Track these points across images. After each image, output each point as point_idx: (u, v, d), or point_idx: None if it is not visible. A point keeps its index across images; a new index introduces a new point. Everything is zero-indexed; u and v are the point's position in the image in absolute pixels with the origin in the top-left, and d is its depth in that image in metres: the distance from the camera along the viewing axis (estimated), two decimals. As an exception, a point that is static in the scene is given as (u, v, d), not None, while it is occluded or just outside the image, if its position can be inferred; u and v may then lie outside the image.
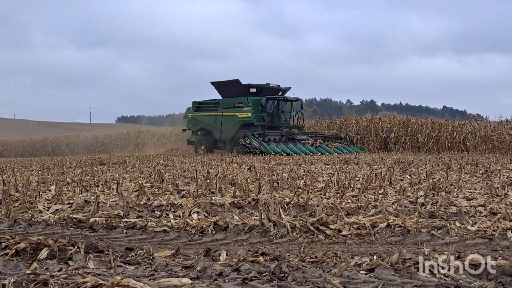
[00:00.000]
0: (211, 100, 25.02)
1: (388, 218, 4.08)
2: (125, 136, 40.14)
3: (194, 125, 24.94)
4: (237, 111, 23.44)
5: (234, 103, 23.57)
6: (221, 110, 23.95)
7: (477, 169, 9.23)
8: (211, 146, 23.98)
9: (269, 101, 23.39)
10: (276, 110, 23.66)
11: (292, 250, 3.30)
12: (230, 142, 23.22)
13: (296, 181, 6.94)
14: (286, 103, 24.04)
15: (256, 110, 22.96)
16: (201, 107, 25.16)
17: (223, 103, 24.07)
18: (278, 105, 23.75)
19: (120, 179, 7.78)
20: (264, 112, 23.18)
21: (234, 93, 23.65)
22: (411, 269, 2.60)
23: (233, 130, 23.03)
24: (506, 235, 3.58)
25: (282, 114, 23.96)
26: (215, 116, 24.04)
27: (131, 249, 3.11)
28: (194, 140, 24.67)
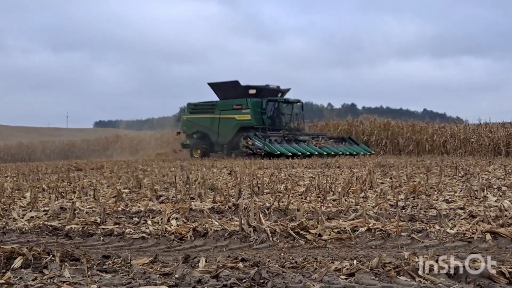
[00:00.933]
0: (208, 102, 24.05)
1: (368, 222, 4.08)
2: (103, 141, 39.72)
3: (189, 128, 24.00)
4: (235, 113, 22.44)
5: (233, 105, 22.61)
6: (218, 112, 22.96)
7: (457, 171, 9.33)
8: (207, 149, 23.04)
9: (270, 103, 22.59)
10: (277, 112, 22.86)
11: (272, 255, 3.26)
12: (228, 145, 22.36)
13: (277, 185, 6.92)
14: (287, 105, 23.20)
15: (256, 112, 22.13)
16: (197, 109, 24.14)
17: (221, 105, 23.11)
18: (279, 107, 22.96)
19: (97, 185, 7.67)
20: (264, 115, 22.37)
21: (233, 94, 22.74)
22: (391, 273, 2.58)
23: (231, 133, 22.15)
24: (485, 238, 3.60)
25: (282, 116, 23.12)
26: (212, 119, 23.05)
27: (108, 257, 3.05)
28: (189, 143, 23.77)
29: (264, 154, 19.73)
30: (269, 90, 22.99)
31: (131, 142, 38.10)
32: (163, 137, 34.44)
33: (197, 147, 23.20)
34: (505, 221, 4.05)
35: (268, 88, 23.00)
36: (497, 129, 22.87)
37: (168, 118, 76.91)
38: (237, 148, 21.67)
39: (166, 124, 49.67)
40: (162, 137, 35.30)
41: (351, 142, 23.05)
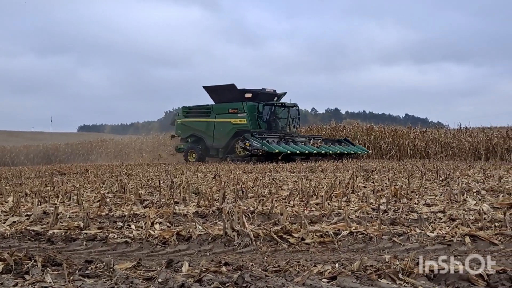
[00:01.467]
0: (203, 106, 23.78)
1: (350, 226, 4.12)
2: (87, 145, 39.41)
3: (184, 132, 23.73)
4: (231, 117, 22.20)
5: (228, 109, 22.36)
6: (214, 116, 22.71)
7: (438, 175, 9.45)
8: (203, 153, 22.75)
9: (266, 107, 22.39)
10: (273, 116, 22.70)
11: (255, 259, 3.29)
12: (224, 149, 22.16)
13: (261, 189, 6.94)
14: (283, 109, 23.03)
15: (252, 116, 21.89)
16: (192, 113, 23.87)
17: (216, 108, 22.84)
18: (275, 111, 22.77)
19: (81, 189, 7.62)
20: (260, 119, 22.14)
21: (228, 98, 22.46)
22: (372, 276, 2.62)
23: (226, 137, 21.94)
24: (464, 241, 3.66)
25: (278, 121, 22.98)
26: (207, 122, 22.78)
27: (90, 262, 3.04)
28: (183, 147, 23.55)
29: (262, 154, 19.49)
30: (265, 94, 22.79)
31: (116, 146, 37.88)
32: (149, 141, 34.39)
33: (192, 151, 22.95)
34: (484, 224, 4.13)
35: (264, 92, 22.81)
36: (476, 134, 23.24)
37: (153, 122, 76.54)
38: (232, 152, 21.48)
39: (151, 128, 49.45)
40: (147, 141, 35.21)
41: (348, 143, 23.03)
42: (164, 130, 43.93)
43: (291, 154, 20.46)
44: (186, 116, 23.91)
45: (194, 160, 22.29)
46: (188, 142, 23.51)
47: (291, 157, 21.87)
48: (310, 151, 20.30)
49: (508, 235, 3.75)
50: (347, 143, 23.01)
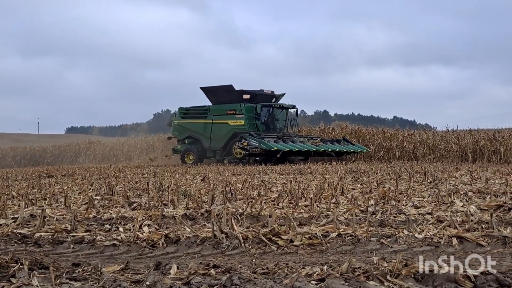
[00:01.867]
0: (200, 107, 23.42)
1: (339, 228, 4.13)
2: (75, 147, 39.13)
3: (181, 133, 23.38)
4: (228, 118, 21.82)
5: (226, 110, 22.02)
6: (211, 117, 22.35)
7: (425, 177, 9.51)
8: (200, 155, 22.38)
9: (264, 108, 22.03)
10: (271, 117, 22.30)
11: (244, 261, 3.28)
12: (221, 151, 21.83)
13: (249, 191, 6.94)
14: (281, 110, 22.63)
15: (250, 117, 21.54)
16: (189, 114, 23.49)
17: (214, 110, 22.50)
18: (273, 112, 22.39)
19: (68, 191, 7.56)
20: (259, 120, 21.79)
21: (226, 99, 22.09)
22: (360, 278, 2.63)
23: (224, 139, 21.57)
24: (451, 242, 3.69)
25: (276, 122, 22.55)
26: (205, 124, 22.42)
27: (78, 265, 3.02)
28: (180, 148, 23.16)
29: (261, 153, 19.25)
30: (263, 95, 22.51)
31: (104, 148, 37.67)
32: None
33: (189, 152, 22.57)
34: (471, 226, 4.16)
35: (262, 93, 22.53)
36: (464, 136, 23.42)
37: (141, 124, 76.29)
38: (230, 154, 21.17)
39: (140, 130, 49.26)
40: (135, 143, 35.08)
41: (346, 142, 22.76)
42: (153, 131, 43.76)
43: (289, 154, 20.20)
44: (183, 117, 23.55)
45: (192, 162, 21.89)
46: (185, 143, 23.17)
47: (290, 159, 21.60)
48: (309, 149, 20.00)
49: (495, 237, 3.78)
50: (346, 142, 22.73)
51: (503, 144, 21.70)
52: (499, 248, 3.61)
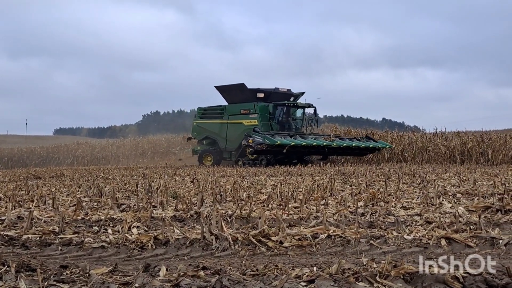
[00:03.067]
0: (217, 106, 22.64)
1: (328, 229, 4.14)
2: (63, 148, 38.83)
3: (199, 134, 22.76)
4: (243, 118, 21.02)
5: (240, 110, 21.25)
6: (227, 117, 21.64)
7: (414, 179, 9.56)
8: (219, 157, 21.54)
9: (278, 108, 21.15)
10: (286, 117, 21.37)
11: (233, 263, 3.27)
12: (236, 152, 20.94)
13: (239, 193, 6.93)
14: (297, 109, 21.67)
15: (264, 117, 20.70)
16: (207, 114, 22.80)
17: (229, 109, 21.78)
18: (289, 111, 21.46)
19: (56, 193, 7.50)
20: (273, 120, 20.94)
21: (240, 98, 21.33)
22: (350, 279, 2.63)
23: (239, 140, 20.32)
24: (440, 243, 3.71)
25: (293, 122, 21.58)
26: (221, 124, 21.68)
27: (66, 267, 2.99)
28: (199, 149, 22.59)
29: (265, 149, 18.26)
30: (278, 93, 21.60)
31: (93, 150, 37.44)
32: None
33: (207, 154, 21.86)
34: (459, 227, 4.19)
35: (277, 92, 21.65)
36: (452, 138, 23.59)
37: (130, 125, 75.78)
38: (244, 155, 20.42)
39: (128, 132, 49.01)
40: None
41: (369, 139, 21.69)
42: (142, 133, 43.55)
43: (305, 152, 19.42)
44: (201, 118, 22.93)
45: (210, 164, 21.18)
46: (204, 144, 22.66)
47: (308, 159, 20.96)
48: (319, 144, 18.83)
49: (483, 238, 3.81)
50: (368, 140, 21.56)
51: (491, 146, 21.90)
52: (487, 249, 3.64)
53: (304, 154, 20.55)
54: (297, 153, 19.85)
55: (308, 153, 20.43)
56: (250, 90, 21.35)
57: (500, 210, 5.02)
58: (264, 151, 18.84)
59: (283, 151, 18.30)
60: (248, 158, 20.17)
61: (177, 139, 35.81)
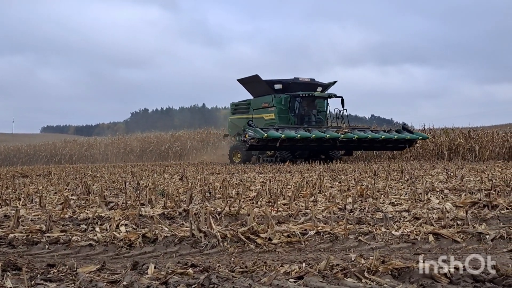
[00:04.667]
0: (245, 101, 21.66)
1: (317, 226, 4.15)
2: (51, 146, 38.52)
3: (232, 130, 21.87)
4: (264, 112, 19.94)
5: (262, 103, 20.16)
6: (252, 111, 20.60)
7: (402, 175, 9.62)
8: (248, 154, 19.87)
9: (295, 99, 19.42)
10: (304, 109, 19.62)
11: (222, 260, 3.27)
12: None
13: (228, 190, 6.92)
14: (316, 100, 19.78)
15: (280, 110, 19.36)
16: (237, 109, 21.84)
17: (253, 103, 20.78)
18: (313, 103, 19.68)
19: (43, 191, 7.43)
20: (292, 113, 19.36)
21: (260, 91, 20.22)
22: (338, 275, 2.64)
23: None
24: (428, 239, 3.74)
25: (319, 115, 19.81)
26: (247, 119, 20.03)
27: (53, 265, 2.97)
28: (232, 146, 21.47)
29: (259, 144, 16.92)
30: (299, 84, 19.91)
31: (81, 148, 37.20)
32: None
33: (236, 150, 20.51)
34: (447, 222, 4.22)
35: (298, 82, 20.00)
36: (440, 134, 23.76)
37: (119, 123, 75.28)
38: (264, 153, 19.42)
39: (117, 130, 48.71)
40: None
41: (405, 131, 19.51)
42: (130, 131, 43.32)
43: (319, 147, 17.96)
44: (233, 113, 22.11)
45: (238, 162, 20.00)
46: (236, 141, 21.60)
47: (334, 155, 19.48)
48: (320, 136, 16.85)
49: (470, 233, 3.84)
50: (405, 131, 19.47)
51: (478, 142, 22.10)
52: (474, 244, 3.67)
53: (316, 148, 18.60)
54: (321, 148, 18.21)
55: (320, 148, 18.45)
56: (266, 81, 20.18)
57: (487, 205, 5.06)
58: (258, 146, 17.55)
59: (276, 145, 16.97)
60: (267, 155, 19.19)
61: (166, 136, 35.68)
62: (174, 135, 35.56)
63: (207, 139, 33.27)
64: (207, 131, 35.17)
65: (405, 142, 19.07)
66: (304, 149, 18.65)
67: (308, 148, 18.50)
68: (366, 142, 18.12)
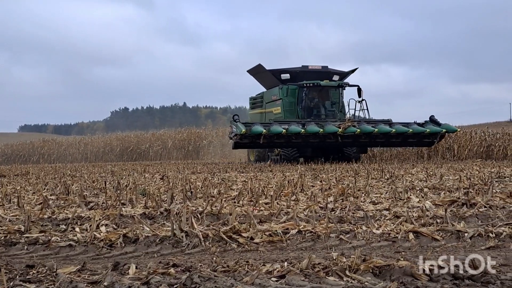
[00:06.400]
0: (259, 94, 19.82)
1: (299, 224, 4.16)
2: (29, 146, 37.94)
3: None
4: (273, 106, 17.95)
5: (272, 96, 18.22)
6: (265, 105, 18.70)
7: (383, 174, 9.71)
8: (261, 152, 18.29)
9: (301, 90, 17.17)
10: (312, 101, 17.43)
11: (204, 260, 3.26)
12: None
13: (210, 189, 6.90)
14: (332, 90, 17.48)
15: (287, 103, 17.24)
16: (255, 103, 19.94)
17: (266, 96, 18.84)
18: (327, 94, 17.49)
19: (22, 191, 7.32)
20: (300, 105, 17.21)
21: (269, 82, 18.37)
22: (320, 273, 2.66)
23: None
24: (408, 237, 3.78)
25: (322, 106, 17.48)
26: (260, 114, 18.83)
27: (32, 266, 2.92)
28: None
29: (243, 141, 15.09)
30: (309, 72, 17.77)
31: (59, 147, 36.72)
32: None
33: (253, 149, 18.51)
34: (427, 221, 4.27)
35: (307, 70, 17.88)
36: (419, 133, 24.01)
37: (98, 122, 74.39)
38: (272, 151, 17.48)
39: (96, 129, 48.22)
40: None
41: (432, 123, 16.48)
42: (110, 130, 42.91)
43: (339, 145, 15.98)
44: (251, 108, 20.30)
45: (252, 160, 18.80)
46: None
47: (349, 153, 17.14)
48: (314, 131, 14.61)
49: (449, 231, 3.90)
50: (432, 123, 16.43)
51: (457, 142, 22.44)
52: (453, 242, 3.72)
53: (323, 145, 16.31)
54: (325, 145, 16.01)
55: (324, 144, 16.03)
56: (271, 71, 18.20)
57: (466, 204, 5.14)
58: (244, 144, 15.62)
59: (260, 142, 14.99)
60: (276, 153, 17.28)
61: (147, 135, 35.44)
62: (154, 134, 35.32)
63: (188, 138, 33.11)
64: (188, 130, 35.01)
65: (429, 136, 16.18)
66: (314, 147, 16.69)
67: (311, 146, 16.45)
68: (389, 136, 15.56)
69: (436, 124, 16.25)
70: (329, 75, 18.11)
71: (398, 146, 18.98)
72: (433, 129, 15.85)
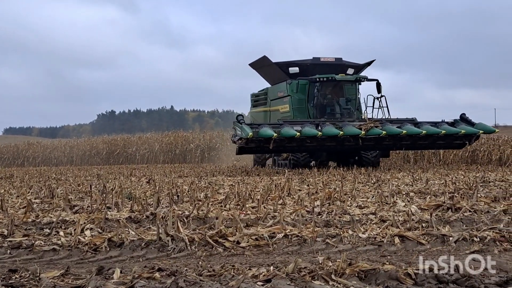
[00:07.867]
0: (263, 90, 17.45)
1: (285, 228, 4.16)
2: (13, 149, 37.48)
3: None
4: (280, 103, 15.66)
5: (277, 92, 15.92)
6: (269, 103, 16.45)
7: (369, 178, 9.75)
8: (262, 156, 16.82)
9: (313, 85, 14.76)
10: (332, 97, 15.07)
11: (190, 264, 3.24)
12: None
13: (196, 193, 6.88)
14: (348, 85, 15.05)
15: (296, 100, 14.94)
16: (258, 101, 17.63)
17: (270, 93, 16.56)
18: (341, 90, 15.12)
19: (5, 195, 7.23)
20: (311, 103, 14.81)
21: (275, 77, 16.19)
22: (306, 277, 2.65)
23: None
24: (394, 241, 3.79)
25: (348, 103, 14.97)
26: (264, 112, 16.59)
27: (15, 271, 2.88)
28: None
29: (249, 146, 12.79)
30: (321, 65, 15.48)
31: (45, 150, 36.34)
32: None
33: None
34: (412, 225, 4.30)
35: (318, 63, 15.61)
36: (406, 138, 24.17)
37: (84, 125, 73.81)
38: (279, 154, 15.53)
39: (82, 132, 47.79)
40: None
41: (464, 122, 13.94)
42: (96, 133, 42.60)
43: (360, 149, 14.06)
44: (253, 106, 17.94)
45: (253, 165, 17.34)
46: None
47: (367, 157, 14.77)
48: (333, 133, 12.34)
49: (434, 235, 3.92)
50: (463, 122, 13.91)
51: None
52: (438, 246, 3.75)
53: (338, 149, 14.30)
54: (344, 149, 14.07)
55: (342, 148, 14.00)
56: (278, 64, 15.97)
57: (451, 208, 5.18)
58: (251, 149, 13.44)
59: (270, 147, 12.60)
60: (283, 158, 15.39)
61: (133, 139, 35.23)
62: (141, 137, 35.11)
63: (175, 141, 32.98)
64: (175, 133, 34.87)
65: (463, 137, 13.76)
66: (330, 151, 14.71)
67: (326, 149, 14.43)
68: (405, 139, 13.28)
69: (469, 124, 13.84)
70: (344, 68, 15.81)
71: (425, 149, 16.97)
72: (468, 130, 13.44)
